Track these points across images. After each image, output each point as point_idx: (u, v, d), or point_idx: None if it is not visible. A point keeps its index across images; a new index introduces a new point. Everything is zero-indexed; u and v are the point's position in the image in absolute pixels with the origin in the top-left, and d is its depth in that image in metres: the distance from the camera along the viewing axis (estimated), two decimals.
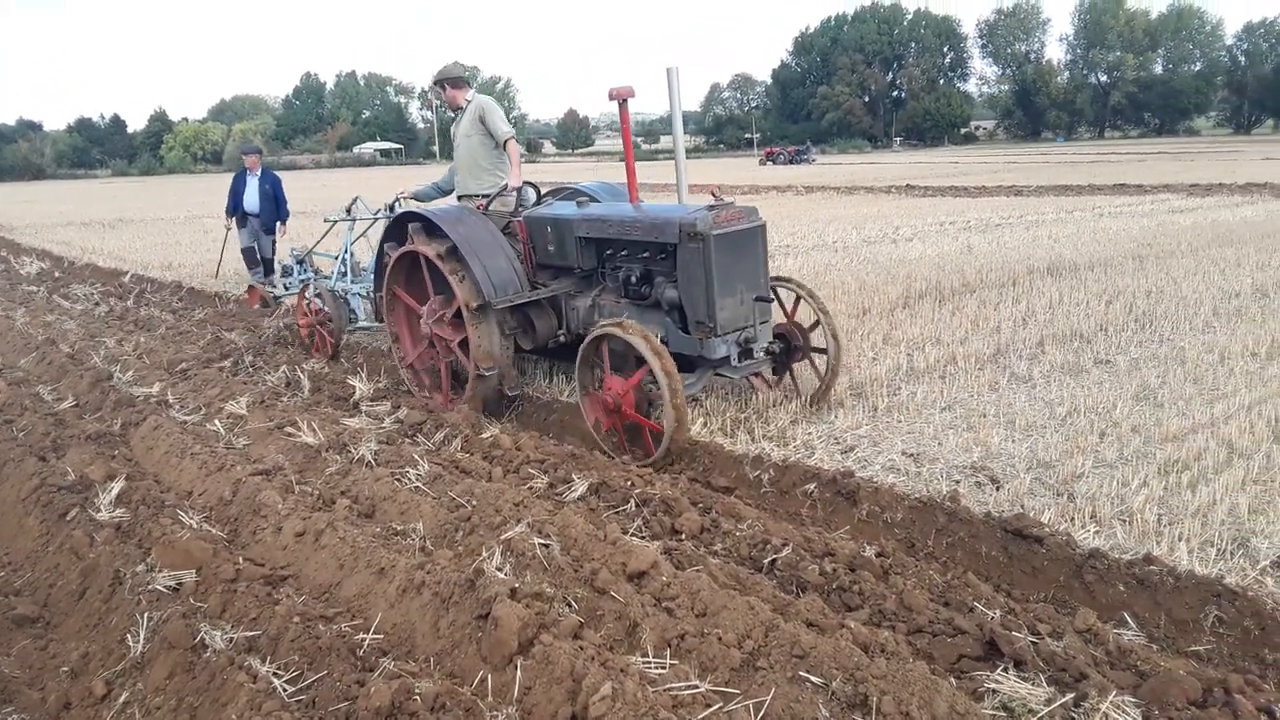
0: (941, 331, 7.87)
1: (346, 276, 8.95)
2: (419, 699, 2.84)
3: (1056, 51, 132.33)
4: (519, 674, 2.93)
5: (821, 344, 6.07)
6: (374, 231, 9.38)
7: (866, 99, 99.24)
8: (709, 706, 2.76)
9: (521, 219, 6.57)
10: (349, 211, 9.24)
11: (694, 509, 4.47)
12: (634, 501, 4.56)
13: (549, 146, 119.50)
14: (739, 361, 5.65)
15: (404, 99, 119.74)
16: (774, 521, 4.42)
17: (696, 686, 2.84)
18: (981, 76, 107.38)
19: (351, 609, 3.63)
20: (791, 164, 56.73)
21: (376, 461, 5.24)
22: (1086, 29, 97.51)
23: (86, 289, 13.43)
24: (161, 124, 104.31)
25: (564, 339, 6.47)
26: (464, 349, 6.33)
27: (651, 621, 3.21)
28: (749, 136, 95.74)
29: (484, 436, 5.69)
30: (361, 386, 6.96)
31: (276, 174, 12.53)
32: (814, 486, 4.75)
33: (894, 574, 3.79)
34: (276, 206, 12.12)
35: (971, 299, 9.22)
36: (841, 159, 66.45)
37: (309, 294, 8.54)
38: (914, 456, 5.11)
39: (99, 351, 8.74)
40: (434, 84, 7.37)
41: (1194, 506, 4.21)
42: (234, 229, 12.42)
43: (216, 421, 6.18)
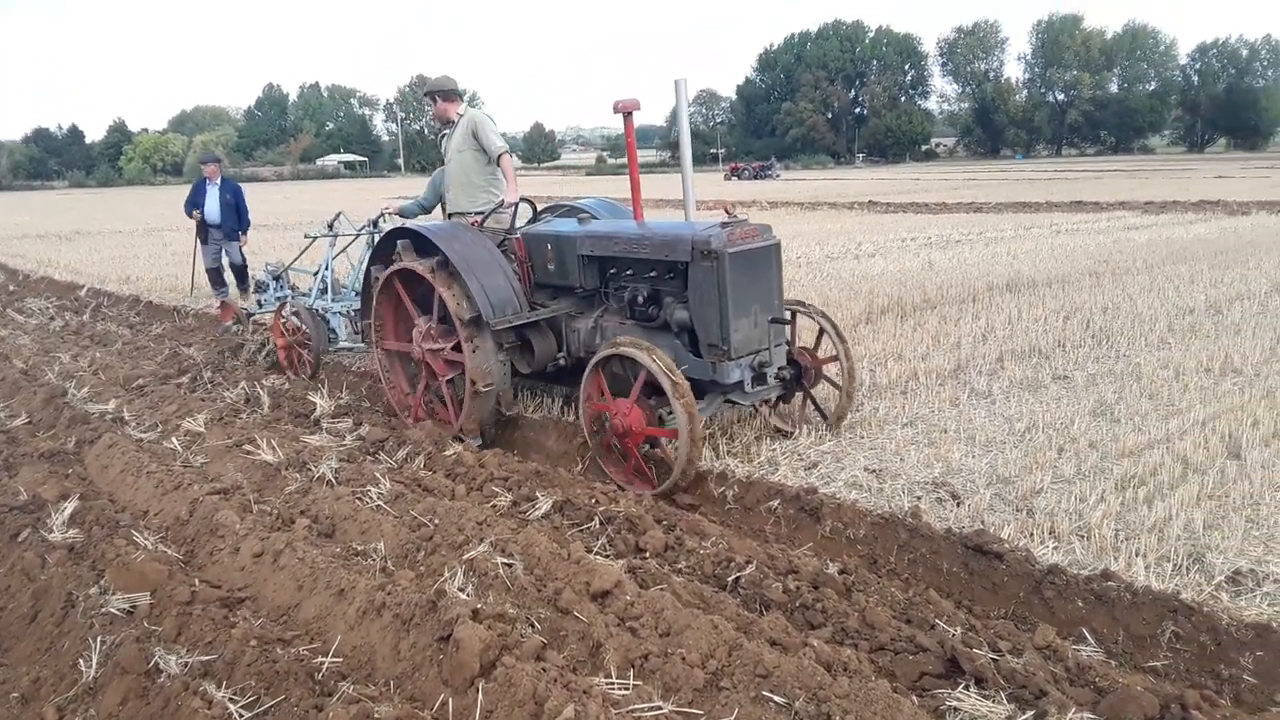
0: (904, 347, 7.94)
1: (326, 294, 8.68)
2: None
3: (1015, 70, 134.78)
4: (480, 697, 2.90)
5: (830, 373, 5.90)
6: (353, 249, 9.22)
7: (830, 115, 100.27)
8: None
9: (520, 236, 6.32)
10: (331, 227, 8.97)
11: (658, 526, 4.46)
12: (598, 519, 4.55)
13: (515, 160, 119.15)
14: (752, 387, 5.39)
15: (368, 111, 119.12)
16: (738, 539, 4.43)
17: (660, 708, 2.83)
18: (942, 94, 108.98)
19: (310, 631, 3.57)
20: (756, 179, 57.16)
21: (337, 480, 5.18)
22: (1044, 48, 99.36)
23: (41, 303, 13.19)
24: (121, 135, 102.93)
25: (564, 362, 6.17)
26: (457, 371, 6.08)
27: (615, 642, 3.20)
28: (714, 152, 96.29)
29: (447, 454, 5.65)
30: (323, 403, 6.88)
31: (237, 184, 12.32)
32: (778, 503, 4.77)
33: (856, 591, 3.81)
34: (238, 216, 11.90)
35: (932, 315, 9.32)
36: (805, 175, 67.04)
37: (286, 312, 8.25)
38: (876, 473, 5.14)
39: (53, 367, 8.58)
40: (425, 94, 7.16)
41: (1150, 522, 4.27)
42: (199, 244, 12.15)
43: (174, 439, 6.08)
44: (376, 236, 8.35)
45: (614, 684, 2.97)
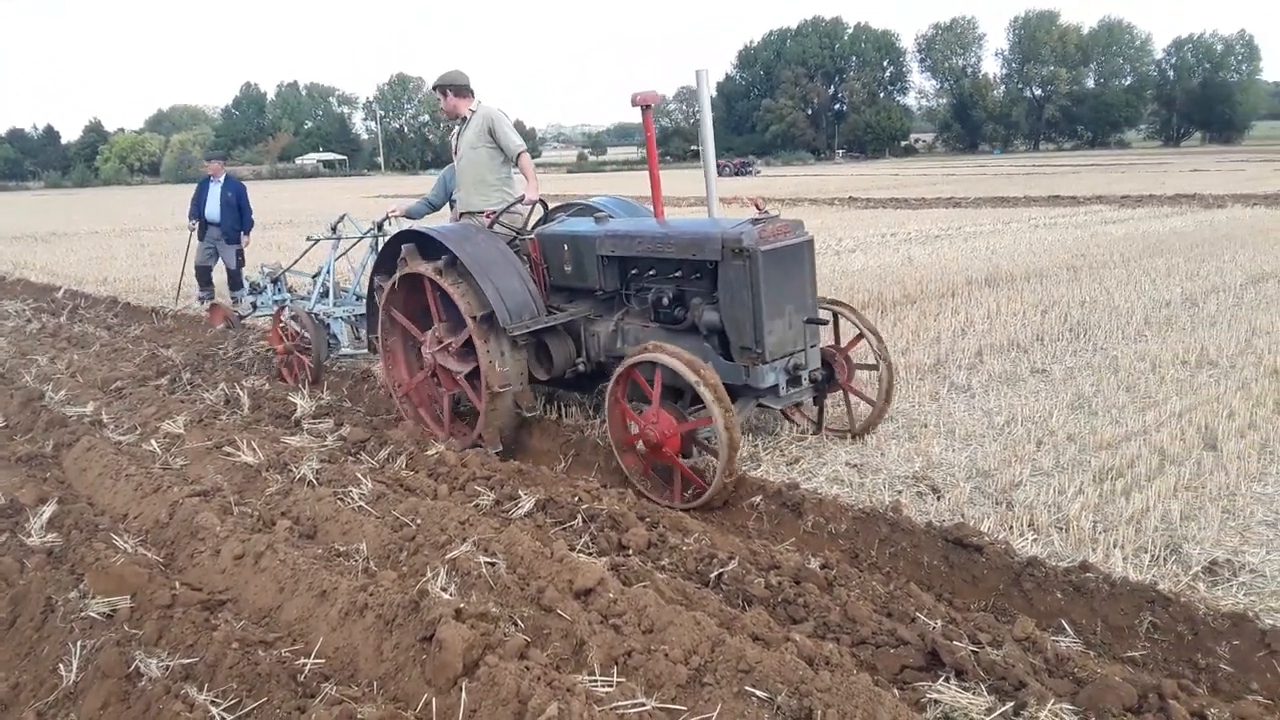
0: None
1: (328, 298, 8.40)
2: None
3: (992, 66, 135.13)
4: (464, 696, 2.90)
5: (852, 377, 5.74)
6: (354, 252, 9.03)
7: (809, 112, 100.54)
8: None
9: (534, 237, 6.05)
10: (334, 229, 8.69)
11: (641, 524, 4.47)
12: (581, 517, 4.55)
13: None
14: (786, 390, 5.17)
15: (347, 110, 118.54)
16: (720, 535, 4.45)
17: (643, 704, 2.84)
18: (920, 90, 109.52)
19: (292, 633, 3.56)
20: (736, 175, 57.23)
21: (318, 481, 5.16)
22: (1021, 44, 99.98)
23: (18, 305, 13.06)
24: (97, 135, 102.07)
25: (583, 368, 5.88)
26: (471, 380, 5.84)
27: (598, 639, 3.21)
28: (694, 148, 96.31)
29: (429, 454, 5.64)
30: (303, 404, 6.85)
31: (241, 183, 12.11)
32: (760, 499, 4.78)
33: (838, 585, 3.83)
34: (240, 215, 11.69)
35: (912, 310, 9.37)
36: (785, 171, 67.21)
37: (285, 316, 7.95)
38: (857, 467, 5.17)
39: (30, 370, 8.50)
40: (435, 88, 6.89)
41: (1128, 514, 4.32)
42: (194, 239, 11.98)
43: (153, 441, 6.04)
44: (381, 240, 8.14)
45: (597, 681, 2.97)
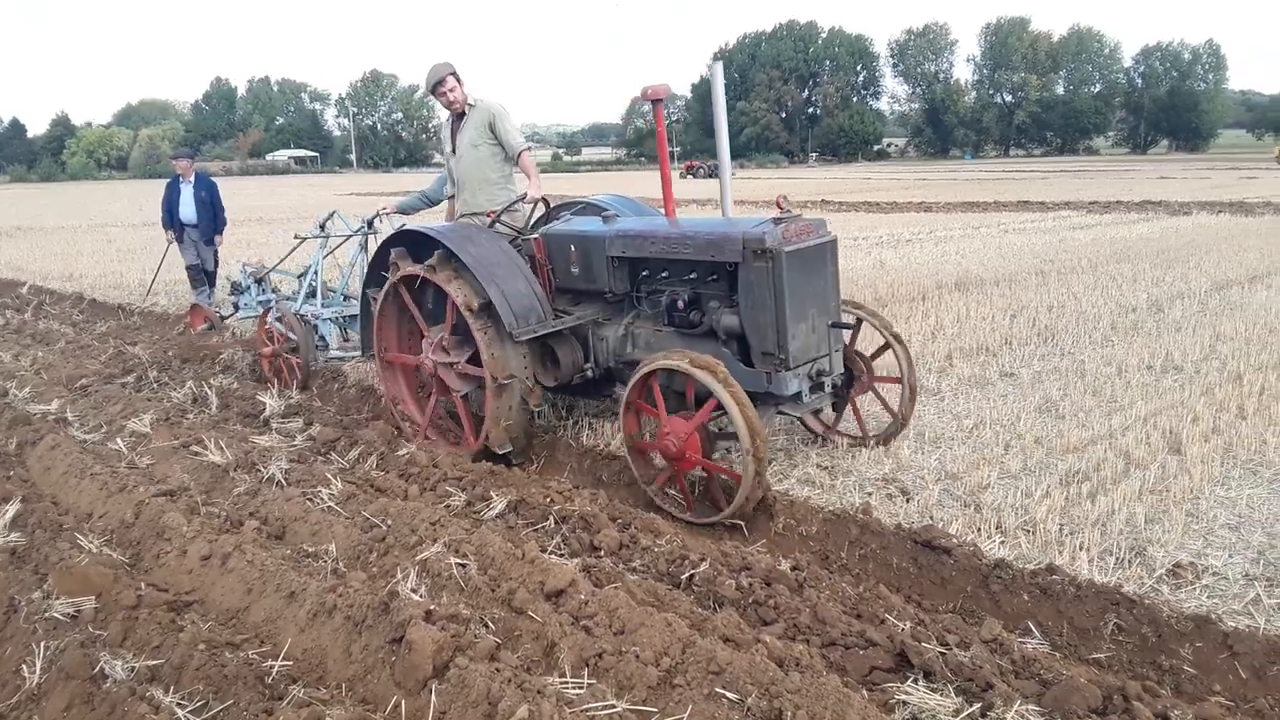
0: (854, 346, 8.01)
1: (316, 298, 8.12)
2: None
3: (964, 72, 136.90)
4: (434, 698, 2.88)
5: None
6: (342, 252, 8.85)
7: (784, 115, 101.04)
8: None
9: (539, 236, 5.82)
10: (323, 227, 8.37)
11: (613, 525, 4.46)
12: (553, 518, 4.54)
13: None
14: (808, 397, 5.00)
15: (319, 106, 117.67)
16: (692, 537, 4.45)
17: (614, 706, 2.84)
18: (893, 95, 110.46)
19: (260, 635, 3.53)
20: (711, 177, 57.31)
21: (287, 481, 5.12)
22: (992, 50, 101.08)
23: None
24: (64, 129, 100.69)
25: (591, 373, 5.67)
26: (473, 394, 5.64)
27: (569, 641, 3.20)
28: (670, 150, 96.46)
29: (400, 454, 5.60)
30: (272, 403, 6.79)
31: (212, 180, 11.84)
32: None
33: (809, 587, 3.85)
34: (214, 215, 11.39)
35: (882, 313, 9.39)
36: (759, 173, 67.42)
37: (271, 318, 7.64)
38: (828, 469, 5.20)
39: None
40: (440, 80, 6.37)
41: (1094, 516, 4.37)
42: (174, 244, 11.75)
43: (119, 440, 5.96)
44: (370, 238, 8.00)
45: (568, 683, 2.97)
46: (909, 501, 4.70)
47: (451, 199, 6.93)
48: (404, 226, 5.95)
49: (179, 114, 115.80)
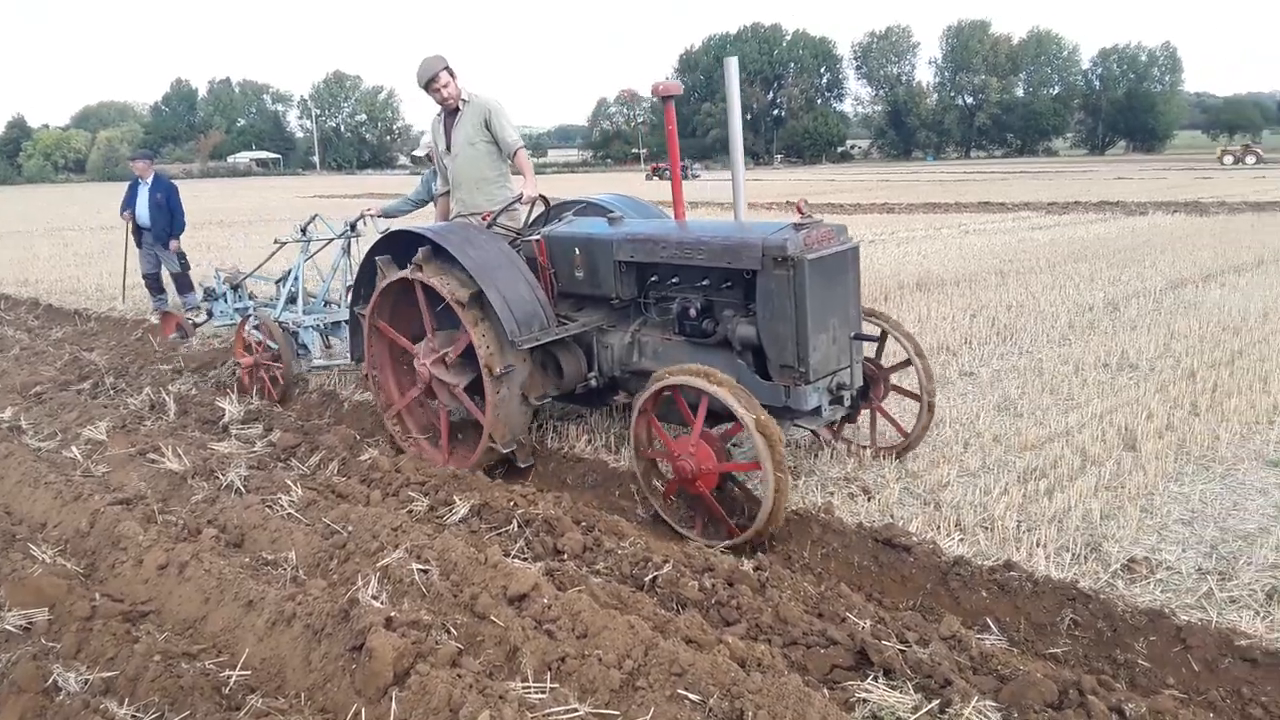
0: None
1: (297, 305, 7.84)
2: None
3: (926, 74, 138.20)
4: (394, 706, 2.87)
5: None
6: (323, 256, 8.63)
7: (749, 117, 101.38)
8: None
9: (540, 238, 5.59)
10: (304, 231, 8.10)
11: (577, 528, 4.46)
12: (517, 522, 4.53)
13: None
14: (828, 411, 4.82)
15: (282, 108, 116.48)
16: (656, 539, 4.45)
17: (576, 710, 2.84)
18: (856, 97, 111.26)
19: (217, 644, 3.49)
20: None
21: (246, 488, 5.06)
22: (954, 53, 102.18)
23: None
24: (20, 131, 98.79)
25: (595, 383, 5.47)
26: (471, 394, 5.43)
27: (532, 645, 3.20)
28: (636, 152, 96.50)
29: (362, 459, 5.56)
30: (231, 409, 6.71)
31: (172, 182, 11.57)
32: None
33: (771, 587, 3.87)
34: (171, 218, 11.13)
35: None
36: (725, 175, 67.31)
37: (249, 327, 7.34)
38: (790, 469, 5.21)
39: None
40: (433, 76, 6.19)
41: (1051, 513, 4.44)
42: (132, 240, 11.54)
43: (74, 448, 5.86)
44: (355, 243, 7.81)
45: (530, 688, 2.96)
46: (870, 500, 4.73)
47: (444, 197, 6.76)
48: (389, 229, 5.76)
49: (138, 116, 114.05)
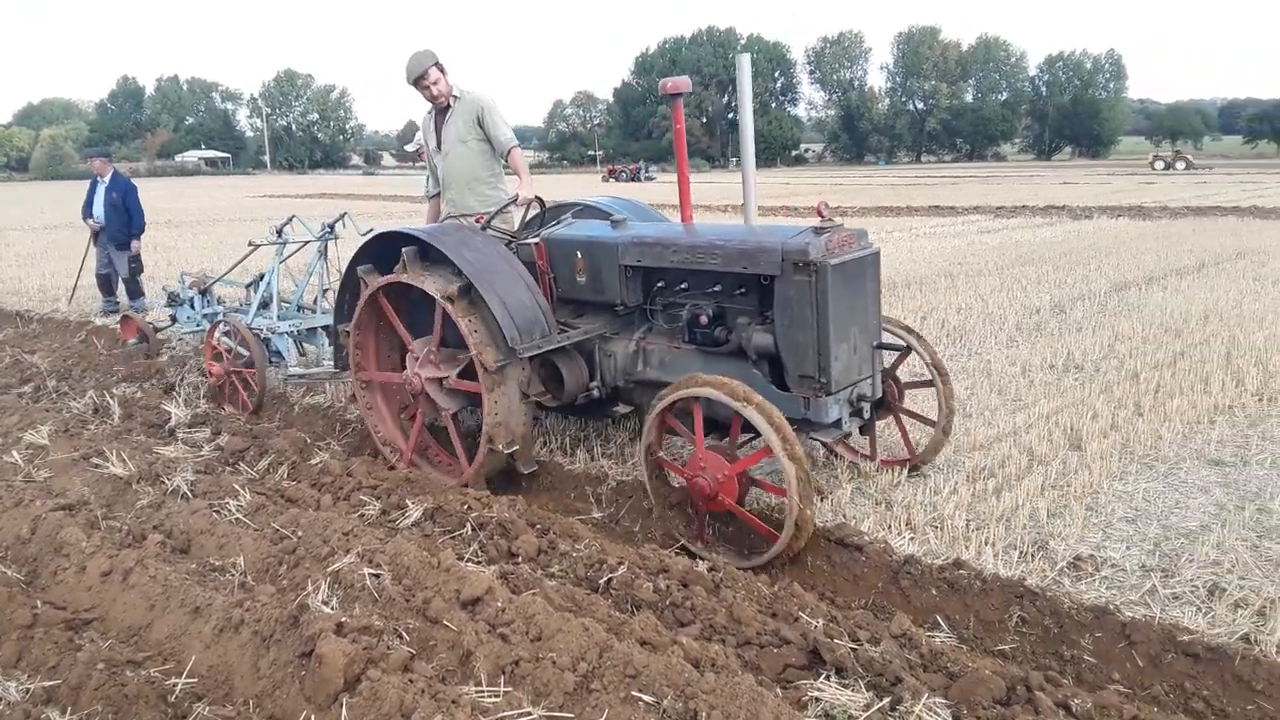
0: None
1: (271, 310, 7.53)
2: None
3: (878, 79, 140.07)
4: (345, 712, 2.83)
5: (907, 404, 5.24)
6: (294, 261, 8.40)
7: (704, 120, 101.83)
8: None
9: (540, 241, 5.38)
10: (280, 233, 7.74)
11: (531, 530, 4.44)
12: (470, 525, 4.49)
13: (388, 159, 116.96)
14: (848, 423, 4.65)
15: (231, 106, 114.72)
16: (611, 541, 4.45)
17: (529, 713, 2.82)
18: (810, 101, 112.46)
19: (163, 652, 3.42)
20: (633, 181, 57.65)
21: (193, 493, 4.97)
22: (905, 58, 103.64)
23: None
24: None
25: (597, 393, 5.24)
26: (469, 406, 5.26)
27: (485, 649, 3.17)
28: (592, 153, 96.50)
29: (313, 463, 5.49)
30: (178, 412, 6.58)
31: (130, 181, 11.36)
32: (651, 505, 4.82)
33: (725, 587, 3.88)
34: (128, 218, 10.90)
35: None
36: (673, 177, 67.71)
37: (218, 334, 6.99)
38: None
39: None
40: (422, 73, 6.01)
41: (999, 512, 4.51)
42: (92, 242, 11.28)
43: (14, 453, 5.71)
44: (330, 244, 7.57)
45: (484, 692, 2.94)
46: (823, 500, 4.77)
47: (434, 199, 6.58)
48: (372, 232, 5.55)
49: (83, 113, 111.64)
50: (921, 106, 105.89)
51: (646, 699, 2.88)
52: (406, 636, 3.33)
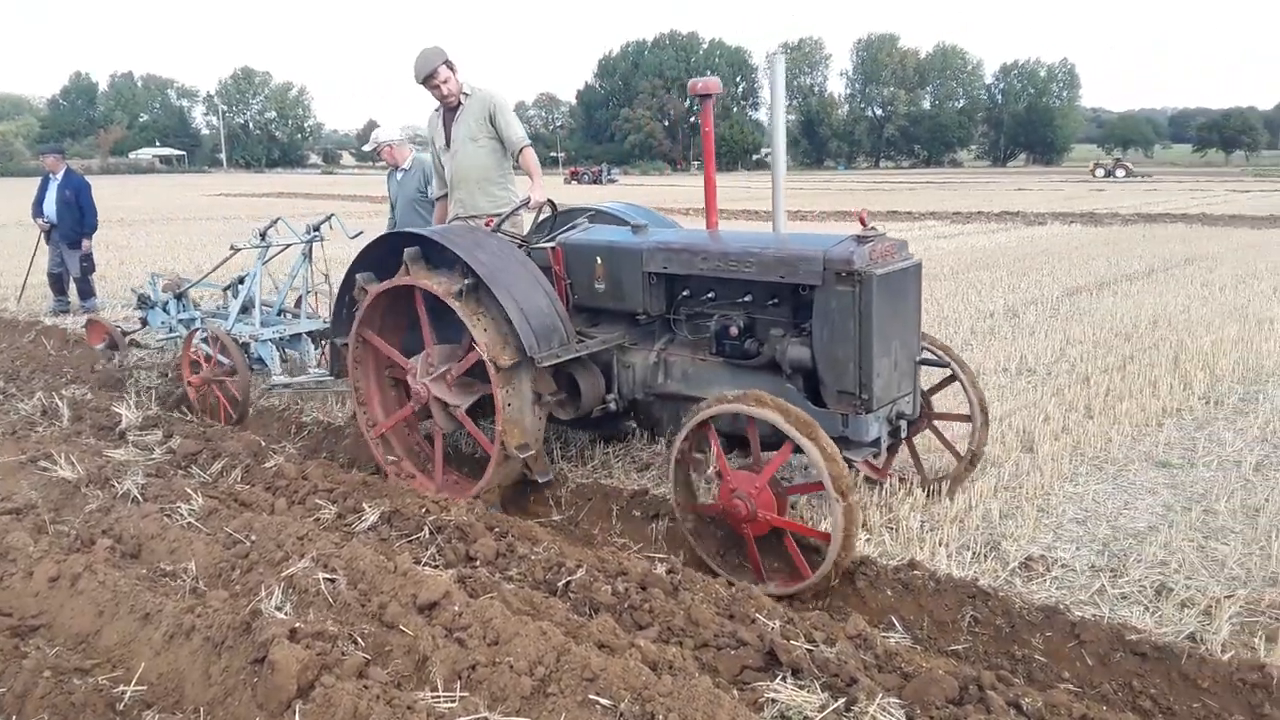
0: None
1: (253, 316, 7.13)
2: None
3: (838, 85, 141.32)
4: (298, 719, 2.80)
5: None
6: (280, 265, 8.17)
7: (666, 123, 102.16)
8: None
9: (557, 246, 5.15)
10: (263, 236, 7.34)
11: (490, 534, 4.41)
12: (428, 529, 4.46)
13: (348, 158, 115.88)
14: (886, 442, 4.47)
15: (187, 103, 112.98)
16: (569, 544, 4.45)
17: (485, 718, 2.81)
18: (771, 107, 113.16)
19: (112, 659, 3.35)
20: (595, 183, 57.72)
21: (144, 496, 4.88)
22: (864, 65, 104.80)
23: None
24: None
25: (614, 406, 5.02)
26: (474, 416, 5.03)
27: (442, 654, 3.15)
28: (554, 155, 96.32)
29: (267, 466, 5.41)
30: (129, 414, 6.45)
31: (84, 179, 11.16)
32: (614, 507, 4.84)
33: (683, 589, 3.89)
34: (81, 216, 10.72)
35: None
36: (644, 180, 68.04)
37: (196, 340, 6.73)
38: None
39: None
40: (432, 71, 5.83)
41: (953, 513, 4.57)
42: (43, 241, 11.03)
43: None
44: (314, 247, 7.26)
45: (440, 697, 2.92)
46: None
47: (441, 200, 6.35)
48: (361, 234, 5.35)
49: (34, 109, 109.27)
50: (880, 113, 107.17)
51: (604, 702, 2.88)
52: (362, 642, 3.30)
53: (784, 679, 3.13)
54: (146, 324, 8.24)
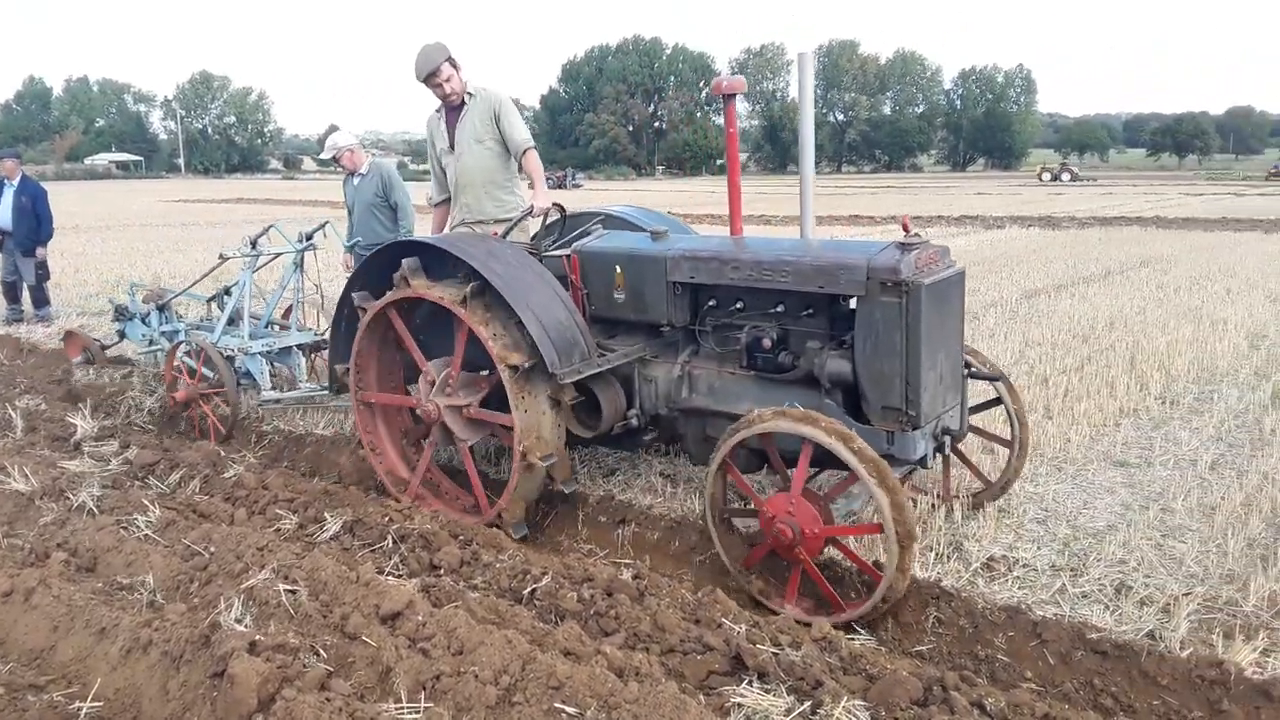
0: None
1: (242, 329, 6.81)
2: None
3: None
4: None
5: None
6: (265, 273, 7.98)
7: (631, 128, 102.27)
8: None
9: (573, 254, 4.92)
10: (254, 245, 7.05)
11: (454, 542, 4.39)
12: (391, 538, 4.42)
13: (309, 163, 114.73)
14: (931, 460, 4.30)
15: (144, 108, 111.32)
16: (535, 551, 4.43)
17: None
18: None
19: (67, 675, 3.29)
20: (560, 188, 57.66)
21: (100, 508, 4.79)
22: (825, 71, 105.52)
23: None
24: None
25: (636, 422, 4.77)
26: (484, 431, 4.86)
27: (405, 665, 3.12)
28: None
29: (226, 476, 5.34)
30: (84, 425, 6.33)
31: (41, 185, 10.93)
32: (580, 512, 4.83)
33: (649, 595, 3.88)
34: (37, 224, 10.53)
35: None
36: (609, 185, 68.03)
37: (181, 354, 6.51)
38: (670, 477, 5.28)
39: None
40: (434, 70, 5.57)
41: (916, 514, 4.58)
42: None
43: None
44: (306, 256, 7.07)
45: (404, 709, 2.89)
46: (745, 505, 4.80)
47: (442, 205, 6.11)
48: (355, 244, 5.12)
49: None
50: (842, 118, 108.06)
51: (570, 710, 2.86)
52: (324, 654, 3.26)
53: (750, 683, 3.14)
54: (124, 337, 7.95)
